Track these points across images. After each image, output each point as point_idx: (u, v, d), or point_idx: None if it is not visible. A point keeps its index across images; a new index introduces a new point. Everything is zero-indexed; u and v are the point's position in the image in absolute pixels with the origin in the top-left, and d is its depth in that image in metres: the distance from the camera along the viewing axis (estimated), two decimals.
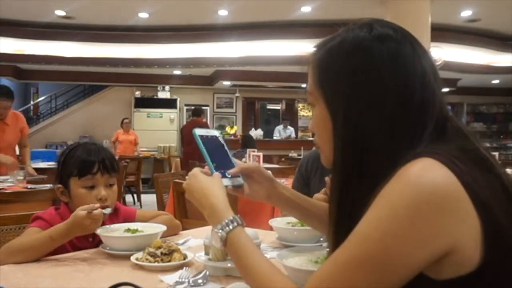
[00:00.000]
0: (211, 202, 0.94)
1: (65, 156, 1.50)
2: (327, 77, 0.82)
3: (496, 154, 3.87)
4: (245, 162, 5.57)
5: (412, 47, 0.80)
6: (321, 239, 1.44)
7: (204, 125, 7.74)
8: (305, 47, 8.87)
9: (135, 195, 7.65)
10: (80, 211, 1.28)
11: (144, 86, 11.07)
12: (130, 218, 1.57)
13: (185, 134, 7.63)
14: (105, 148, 1.55)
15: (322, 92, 0.83)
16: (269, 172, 1.11)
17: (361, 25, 0.83)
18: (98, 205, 1.33)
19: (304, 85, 0.90)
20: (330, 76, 0.82)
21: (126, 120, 9.49)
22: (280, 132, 11.32)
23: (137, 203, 7.50)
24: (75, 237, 1.37)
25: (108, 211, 1.40)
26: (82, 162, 1.45)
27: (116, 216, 1.54)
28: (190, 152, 7.23)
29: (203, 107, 11.28)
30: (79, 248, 1.42)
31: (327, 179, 1.31)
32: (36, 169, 4.43)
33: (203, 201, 0.95)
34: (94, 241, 1.44)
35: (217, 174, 0.97)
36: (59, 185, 1.50)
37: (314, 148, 1.83)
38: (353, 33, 0.81)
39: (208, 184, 0.96)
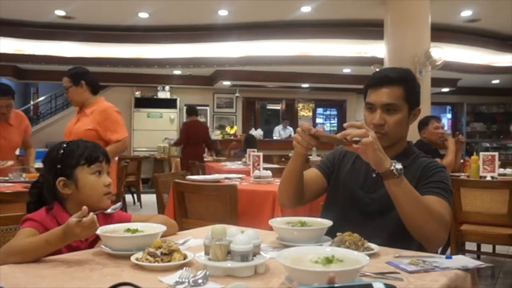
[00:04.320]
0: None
1: (63, 150, 1.54)
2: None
3: (496, 154, 3.87)
4: (245, 162, 5.56)
5: None
6: (321, 239, 1.44)
7: (203, 124, 7.78)
8: (305, 47, 8.87)
9: (135, 195, 7.65)
10: (72, 219, 1.29)
11: (144, 86, 11.07)
12: (125, 222, 1.58)
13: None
14: None
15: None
16: None
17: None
18: (87, 212, 1.31)
19: (304, 85, 0.90)
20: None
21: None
22: (280, 132, 11.32)
23: (137, 203, 7.50)
24: None
25: (118, 206, 1.52)
26: (90, 151, 1.55)
27: (111, 220, 1.56)
28: (190, 152, 7.22)
29: (203, 107, 11.33)
30: (72, 247, 1.42)
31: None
32: (36, 169, 4.42)
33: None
34: (86, 242, 1.46)
35: None
36: (61, 178, 1.51)
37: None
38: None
39: None
